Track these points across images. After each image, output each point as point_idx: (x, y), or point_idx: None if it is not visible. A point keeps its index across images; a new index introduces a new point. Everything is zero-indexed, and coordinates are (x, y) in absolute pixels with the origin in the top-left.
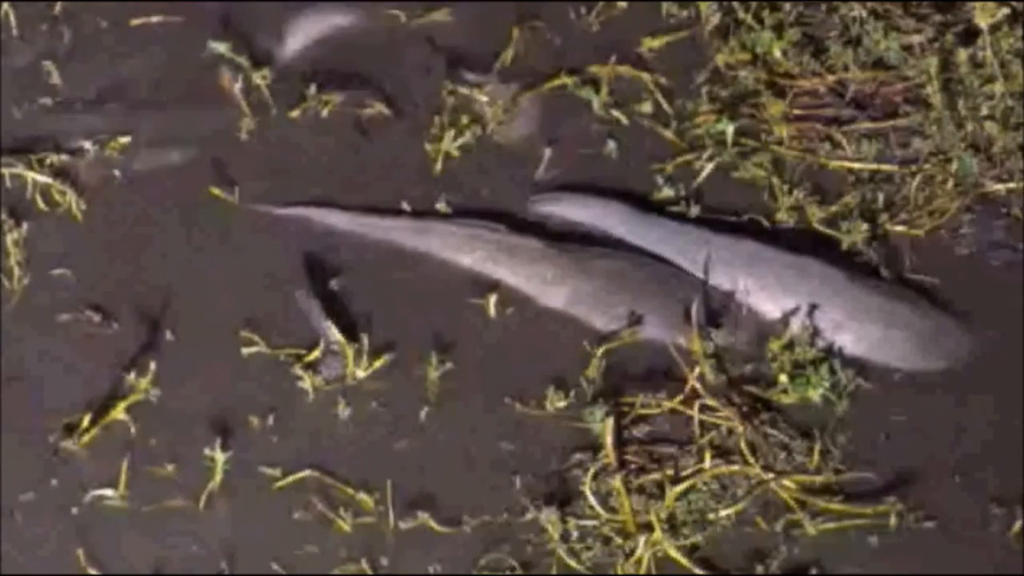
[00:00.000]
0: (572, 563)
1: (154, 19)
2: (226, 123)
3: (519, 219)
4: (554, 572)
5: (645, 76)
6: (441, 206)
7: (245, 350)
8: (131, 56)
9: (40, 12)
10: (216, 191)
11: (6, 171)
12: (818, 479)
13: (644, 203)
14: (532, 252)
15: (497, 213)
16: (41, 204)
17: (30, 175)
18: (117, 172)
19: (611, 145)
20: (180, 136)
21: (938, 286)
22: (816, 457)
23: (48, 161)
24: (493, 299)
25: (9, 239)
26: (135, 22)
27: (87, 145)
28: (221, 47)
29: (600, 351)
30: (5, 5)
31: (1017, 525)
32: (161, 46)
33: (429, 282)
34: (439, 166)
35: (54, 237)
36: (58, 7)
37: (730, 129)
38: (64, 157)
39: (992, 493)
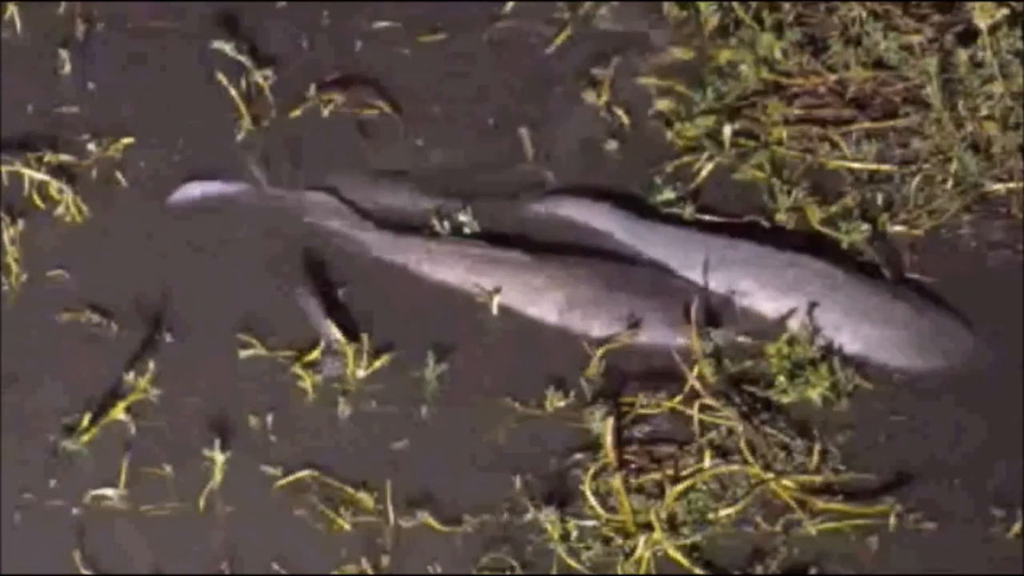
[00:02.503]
0: (572, 563)
1: (156, 18)
2: (227, 123)
3: (501, 233)
4: (554, 572)
5: (644, 77)
6: (432, 218)
7: (244, 350)
8: (133, 56)
9: (44, 12)
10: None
11: (4, 169)
12: (818, 479)
13: (643, 204)
14: (517, 264)
15: (480, 226)
16: (39, 202)
17: (27, 172)
18: (118, 172)
19: (612, 145)
20: (180, 136)
21: (938, 286)
22: (816, 457)
23: (46, 159)
24: (496, 299)
25: (6, 237)
26: (137, 23)
27: (90, 147)
28: (225, 47)
29: (600, 352)
30: (10, 6)
31: (1017, 525)
32: (163, 46)
33: (429, 282)
34: (440, 167)
35: (54, 236)
36: (62, 7)
37: (728, 130)
38: (64, 156)
39: (992, 493)
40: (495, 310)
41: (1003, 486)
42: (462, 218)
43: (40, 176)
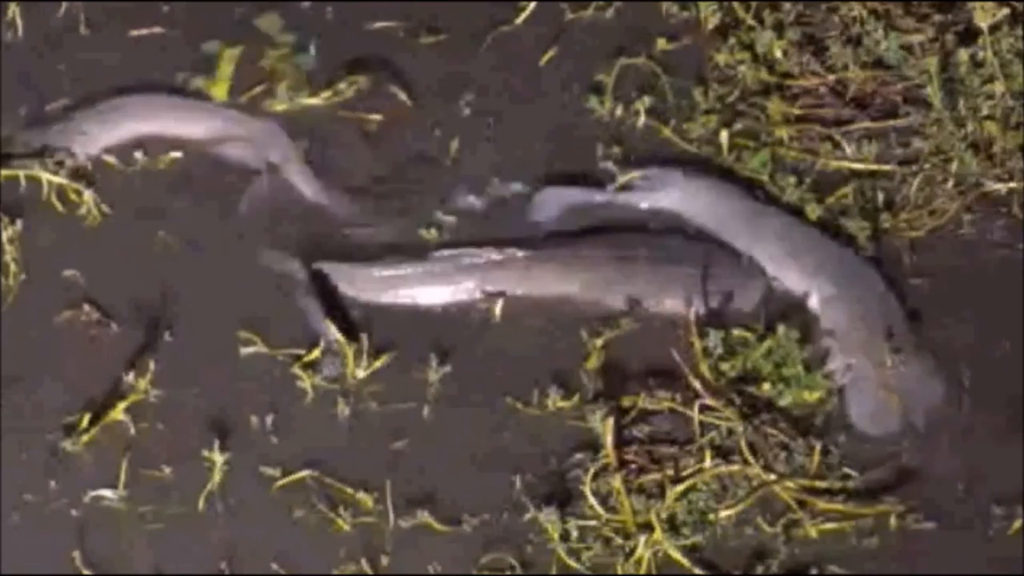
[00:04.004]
0: (572, 563)
1: (158, 17)
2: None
3: (504, 236)
4: (554, 572)
5: (645, 76)
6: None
7: (244, 350)
8: (134, 55)
9: (46, 13)
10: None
11: (22, 173)
12: (818, 480)
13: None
14: (522, 262)
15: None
16: (38, 201)
17: (25, 171)
18: (118, 171)
19: (614, 148)
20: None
21: (938, 286)
22: (816, 457)
23: (45, 159)
24: (500, 302)
25: (4, 236)
26: (138, 23)
27: (91, 146)
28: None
29: (600, 342)
30: (12, 6)
31: (1017, 525)
32: (164, 46)
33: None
34: (453, 162)
35: (53, 236)
36: (63, 7)
37: (725, 134)
38: (63, 156)
39: (992, 493)
40: (498, 318)
41: (1003, 486)
42: (460, 219)
43: (40, 175)
